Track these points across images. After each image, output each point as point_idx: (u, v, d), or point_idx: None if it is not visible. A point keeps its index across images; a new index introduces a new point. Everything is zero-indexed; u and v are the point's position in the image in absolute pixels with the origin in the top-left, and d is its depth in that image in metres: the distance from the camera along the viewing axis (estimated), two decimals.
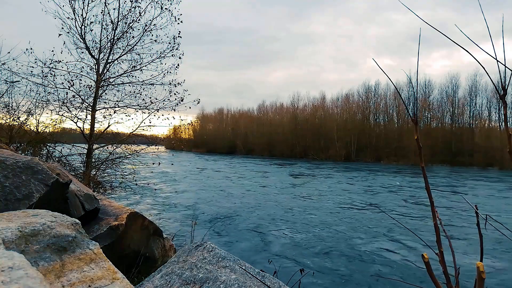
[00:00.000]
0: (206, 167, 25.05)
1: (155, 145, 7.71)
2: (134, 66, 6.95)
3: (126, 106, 7.00)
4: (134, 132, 7.05)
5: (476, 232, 0.79)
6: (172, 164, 15.89)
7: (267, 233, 6.69)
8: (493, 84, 0.72)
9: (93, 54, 6.63)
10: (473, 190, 15.15)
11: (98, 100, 6.69)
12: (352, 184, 16.27)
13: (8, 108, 6.64)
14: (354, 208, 9.58)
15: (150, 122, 7.03)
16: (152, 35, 6.88)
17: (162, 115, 7.03)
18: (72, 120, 6.57)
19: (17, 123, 6.53)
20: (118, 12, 6.53)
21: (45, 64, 6.19)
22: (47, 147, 6.59)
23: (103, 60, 6.71)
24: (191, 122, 8.33)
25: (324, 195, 12.05)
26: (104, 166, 7.02)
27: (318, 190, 13.38)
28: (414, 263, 5.12)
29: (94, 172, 6.78)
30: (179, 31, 6.99)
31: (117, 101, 6.94)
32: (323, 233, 6.79)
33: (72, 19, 6.31)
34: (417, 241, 6.14)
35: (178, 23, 6.94)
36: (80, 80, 6.56)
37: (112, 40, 6.63)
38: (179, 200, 10.34)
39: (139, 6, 6.68)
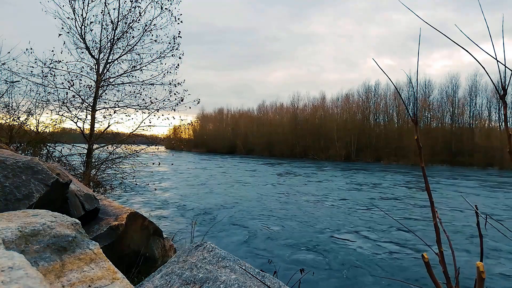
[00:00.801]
0: (206, 167, 25.05)
1: (155, 145, 7.72)
2: (134, 66, 6.95)
3: (126, 106, 7.00)
4: (134, 132, 7.06)
5: (476, 232, 0.79)
6: (172, 164, 15.90)
7: (267, 233, 6.69)
8: (493, 84, 0.72)
9: (93, 54, 6.63)
10: (473, 190, 15.15)
11: (98, 100, 6.69)
12: (352, 184, 16.27)
13: (8, 108, 6.64)
14: (354, 208, 9.58)
15: (150, 122, 7.04)
16: (152, 35, 6.89)
17: (162, 115, 7.04)
18: (72, 120, 6.58)
19: (17, 123, 6.53)
20: (118, 12, 6.53)
21: (45, 64, 6.20)
22: (47, 147, 6.59)
23: (103, 60, 6.71)
24: (191, 122, 8.33)
25: (324, 195, 12.05)
26: (104, 166, 7.02)
27: (318, 190, 13.38)
28: (414, 263, 5.12)
29: (94, 172, 6.78)
30: (179, 31, 7.00)
31: (117, 101, 6.95)
32: (323, 233, 6.79)
33: (72, 19, 6.32)
34: (417, 241, 6.14)
35: (178, 23, 6.95)
36: (80, 80, 6.57)
37: (112, 40, 6.63)
38: (179, 200, 10.34)
39: (139, 6, 6.69)
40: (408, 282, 4.31)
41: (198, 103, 7.12)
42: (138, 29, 6.81)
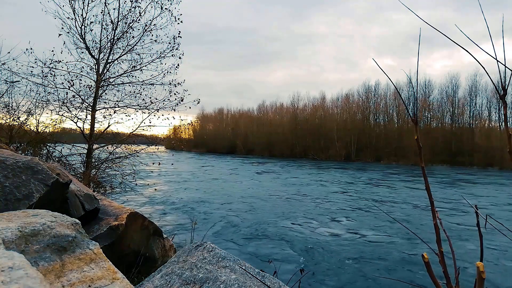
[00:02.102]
0: (206, 167, 25.05)
1: (155, 145, 7.72)
2: (134, 66, 6.95)
3: (126, 106, 7.00)
4: (134, 132, 7.06)
5: (476, 232, 0.79)
6: (172, 164, 15.89)
7: (267, 233, 6.69)
8: (493, 84, 0.72)
9: (93, 54, 6.63)
10: (473, 190, 15.15)
11: (98, 100, 6.69)
12: (352, 184, 16.26)
13: (8, 108, 6.64)
14: (354, 208, 9.58)
15: (150, 122, 7.04)
16: (152, 35, 6.89)
17: (162, 115, 7.04)
18: (72, 120, 6.58)
19: (17, 123, 6.53)
20: (118, 12, 6.54)
21: (45, 64, 6.20)
22: (47, 147, 6.59)
23: (103, 60, 6.71)
24: (191, 122, 8.33)
25: (324, 196, 12.05)
26: (104, 166, 7.02)
27: (318, 191, 13.38)
28: (414, 263, 5.12)
29: (94, 172, 6.78)
30: (179, 31, 7.00)
31: (117, 101, 6.95)
32: (323, 233, 6.79)
33: (72, 19, 6.32)
34: (417, 241, 6.14)
35: (178, 23, 6.95)
36: (80, 80, 6.57)
37: (112, 40, 6.63)
38: (179, 200, 10.34)
39: (139, 6, 6.69)
40: (408, 282, 4.31)
41: (198, 103, 7.12)
42: (138, 29, 6.82)
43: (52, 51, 6.21)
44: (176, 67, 7.06)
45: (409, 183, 17.44)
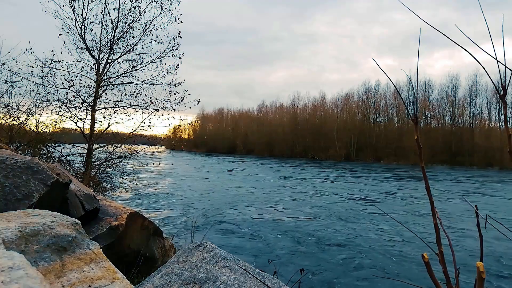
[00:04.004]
0: (206, 167, 25.05)
1: (155, 145, 7.72)
2: (134, 66, 6.96)
3: (126, 106, 7.01)
4: (134, 132, 7.06)
5: (476, 232, 0.79)
6: (172, 164, 15.89)
7: (267, 233, 6.69)
8: (493, 84, 0.72)
9: (93, 54, 6.64)
10: (473, 190, 15.15)
11: (98, 100, 6.70)
12: (352, 183, 16.27)
13: (8, 108, 6.64)
14: (354, 208, 9.58)
15: (150, 122, 7.05)
16: (152, 35, 6.90)
17: (162, 115, 7.05)
18: (72, 120, 6.58)
19: (17, 123, 6.53)
20: (118, 12, 6.54)
21: (45, 64, 6.20)
22: (47, 147, 6.59)
23: (103, 60, 6.71)
24: (191, 122, 8.33)
25: (324, 195, 12.05)
26: (104, 166, 7.02)
27: (318, 191, 13.38)
28: (414, 263, 5.12)
29: (94, 172, 6.78)
30: (179, 31, 7.01)
31: (117, 101, 6.95)
32: (323, 233, 6.79)
33: (72, 19, 6.32)
34: (417, 241, 6.14)
35: (178, 23, 6.96)
36: (80, 80, 6.57)
37: (112, 40, 6.64)
38: (179, 200, 10.34)
39: (139, 6, 6.69)
40: (408, 282, 4.31)
41: (198, 103, 7.13)
42: (138, 29, 6.83)
43: (52, 51, 6.22)
44: (176, 67, 7.07)
45: (409, 183, 17.44)
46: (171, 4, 6.84)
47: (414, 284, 3.90)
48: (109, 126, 6.98)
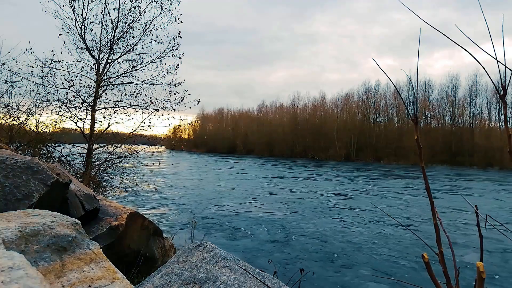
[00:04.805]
0: (206, 167, 25.05)
1: (155, 145, 7.71)
2: (134, 66, 6.95)
3: (126, 106, 7.00)
4: (134, 132, 7.06)
5: (476, 232, 0.79)
6: (172, 164, 15.89)
7: (267, 233, 6.69)
8: (493, 84, 0.72)
9: (93, 54, 6.63)
10: (473, 190, 15.15)
11: (98, 100, 6.69)
12: (352, 183, 16.26)
13: (8, 108, 6.64)
14: (354, 208, 9.58)
15: (150, 122, 7.04)
16: (152, 35, 6.89)
17: (162, 115, 7.04)
18: (72, 120, 6.58)
19: (17, 123, 6.53)
20: (118, 12, 6.54)
21: (45, 64, 6.19)
22: (47, 147, 6.58)
23: (103, 60, 6.71)
24: (191, 122, 8.32)
25: (324, 195, 12.05)
26: (104, 166, 7.02)
27: (318, 191, 13.38)
28: (414, 263, 5.12)
29: (94, 172, 6.77)
30: (179, 31, 7.01)
31: (117, 101, 6.95)
32: (323, 233, 6.79)
33: (72, 19, 6.32)
34: (417, 241, 6.14)
35: (178, 23, 6.96)
36: (80, 80, 6.57)
37: (112, 40, 6.63)
38: (179, 200, 10.34)
39: (139, 6, 6.69)
40: (408, 282, 4.31)
41: (198, 103, 7.13)
42: (138, 29, 6.82)
43: (52, 51, 6.22)
44: (176, 67, 7.07)
45: (409, 183, 17.44)
46: (171, 4, 6.84)
47: (414, 284, 3.90)
48: (109, 126, 6.98)
